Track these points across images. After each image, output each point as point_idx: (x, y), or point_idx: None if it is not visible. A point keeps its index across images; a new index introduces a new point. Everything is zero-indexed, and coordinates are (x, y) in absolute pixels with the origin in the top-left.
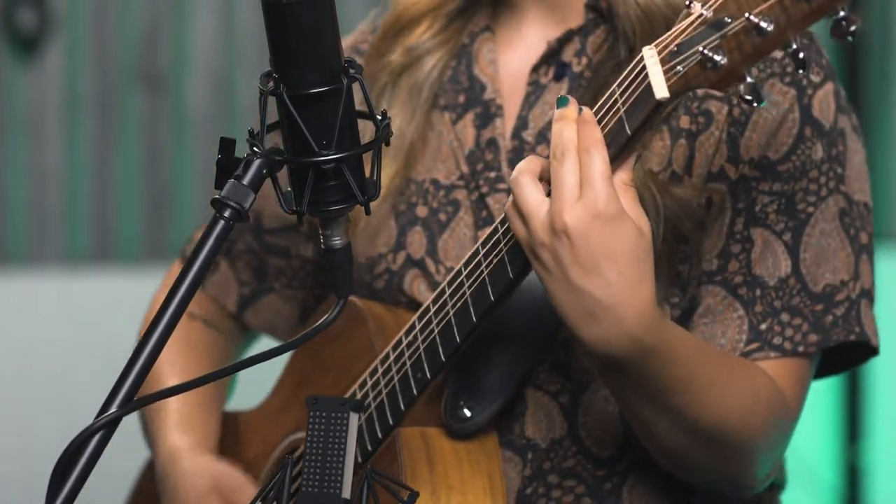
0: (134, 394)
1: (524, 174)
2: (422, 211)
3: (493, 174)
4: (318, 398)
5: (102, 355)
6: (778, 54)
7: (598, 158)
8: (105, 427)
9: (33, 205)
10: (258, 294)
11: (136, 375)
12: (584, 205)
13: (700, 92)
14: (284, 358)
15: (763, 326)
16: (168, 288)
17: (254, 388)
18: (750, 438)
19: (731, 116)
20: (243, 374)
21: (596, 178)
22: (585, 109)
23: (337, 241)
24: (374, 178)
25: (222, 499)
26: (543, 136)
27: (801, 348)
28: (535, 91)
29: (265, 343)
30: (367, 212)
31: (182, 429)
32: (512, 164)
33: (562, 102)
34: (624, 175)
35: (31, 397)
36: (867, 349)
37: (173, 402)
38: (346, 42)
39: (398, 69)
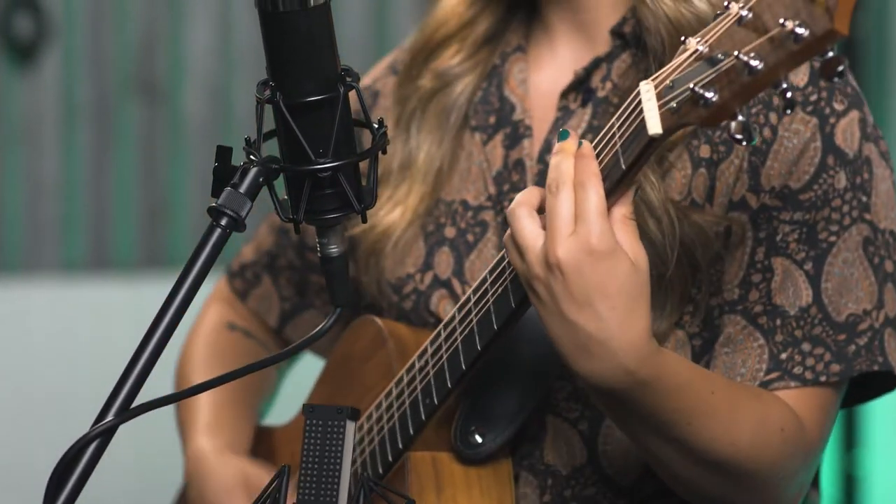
0: (131, 402)
1: (521, 206)
2: (450, 232)
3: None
4: (314, 407)
5: (99, 363)
6: (801, 82)
7: (594, 193)
8: (101, 435)
9: (30, 213)
10: (299, 309)
11: (132, 384)
12: (577, 240)
13: None
14: (318, 373)
15: (783, 356)
16: (212, 307)
17: (289, 402)
18: (764, 468)
19: (752, 146)
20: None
21: (590, 213)
22: (585, 143)
23: (334, 250)
24: (371, 186)
25: (249, 495)
26: None
27: (822, 378)
28: (563, 116)
29: (308, 359)
30: (364, 220)
31: (210, 431)
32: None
33: (563, 136)
34: (623, 209)
35: (27, 406)
36: (892, 378)
37: (203, 403)
38: (386, 61)
39: (427, 94)
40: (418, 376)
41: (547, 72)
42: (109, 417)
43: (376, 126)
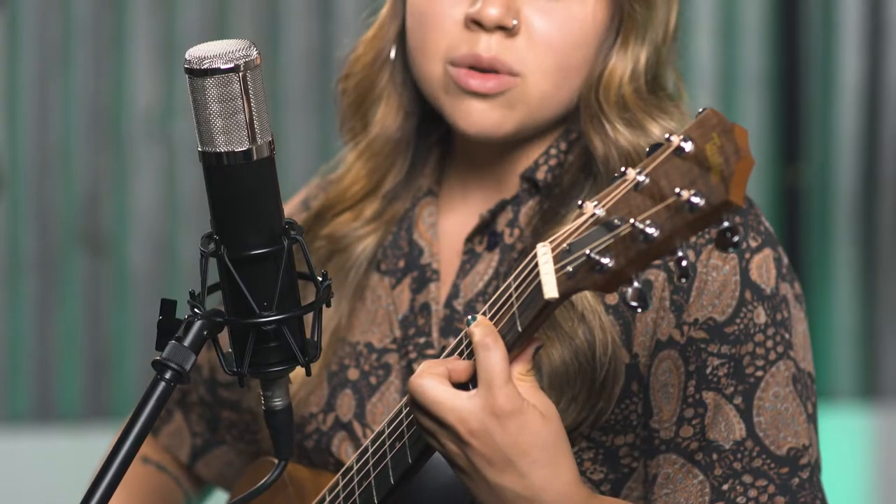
0: None
1: (425, 390)
2: (353, 374)
3: (423, 340)
4: None
5: None
6: None
7: (497, 355)
8: None
9: None
10: (210, 446)
11: None
12: (483, 403)
13: None
14: None
15: (725, 487)
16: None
17: None
18: None
19: (672, 283)
20: None
21: (494, 377)
22: (479, 317)
23: (278, 403)
24: (315, 339)
25: None
26: (472, 307)
27: None
28: (469, 259)
29: (220, 495)
30: (308, 373)
31: None
32: (443, 332)
33: (470, 323)
34: (520, 367)
35: None
36: None
37: None
38: (299, 196)
39: (325, 256)
40: None
41: (456, 215)
42: None
43: (320, 279)
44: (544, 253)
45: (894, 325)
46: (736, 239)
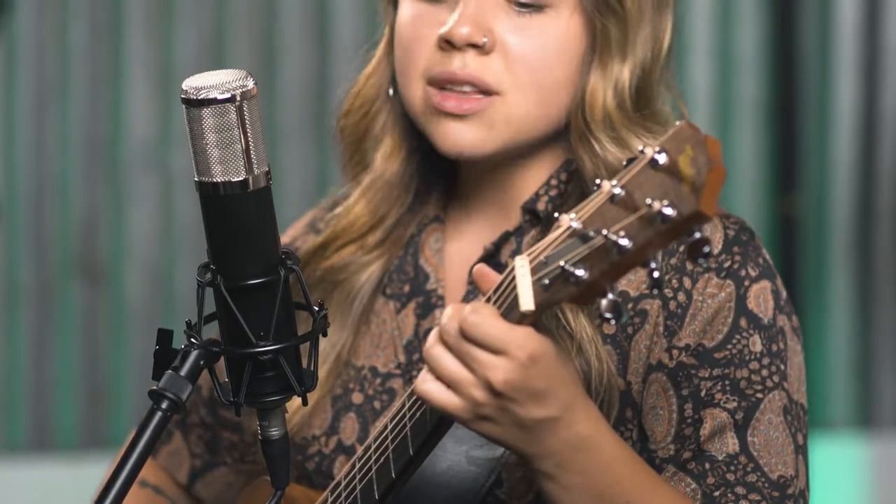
0: None
1: (436, 346)
2: (357, 398)
3: None
4: None
5: None
6: (715, 250)
7: (489, 315)
8: None
9: None
10: (210, 467)
11: None
12: (511, 360)
13: (633, 293)
14: None
15: (716, 494)
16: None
17: None
18: None
19: (666, 310)
20: None
21: (506, 333)
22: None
23: (274, 432)
24: (312, 368)
25: None
26: None
27: None
28: (474, 290)
29: None
30: (305, 402)
31: None
32: None
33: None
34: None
35: None
36: None
37: None
38: (305, 219)
39: (331, 286)
40: None
41: (463, 243)
42: None
43: (316, 308)
44: (522, 265)
45: (891, 354)
46: (707, 250)
